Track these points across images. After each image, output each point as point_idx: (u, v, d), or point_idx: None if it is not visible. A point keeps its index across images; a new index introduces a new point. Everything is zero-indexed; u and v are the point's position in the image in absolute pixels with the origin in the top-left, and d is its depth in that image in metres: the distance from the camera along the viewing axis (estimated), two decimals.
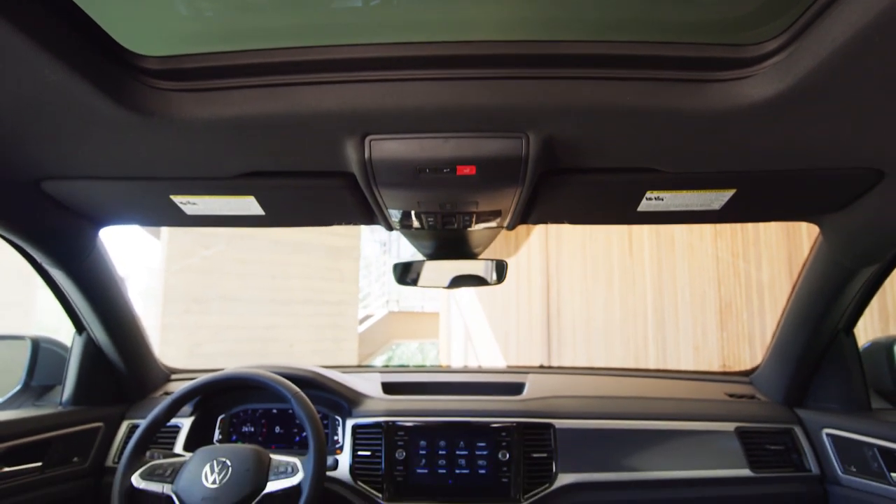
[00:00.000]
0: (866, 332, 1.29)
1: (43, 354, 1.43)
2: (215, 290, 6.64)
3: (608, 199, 0.96)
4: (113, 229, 1.18)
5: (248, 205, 0.97)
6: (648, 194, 0.91)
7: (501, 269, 1.22)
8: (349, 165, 0.81)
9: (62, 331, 1.41)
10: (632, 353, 4.23)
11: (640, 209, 0.97)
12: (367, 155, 0.77)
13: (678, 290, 3.77)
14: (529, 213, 1.01)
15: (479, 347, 7.74)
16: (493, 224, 1.04)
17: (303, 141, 0.78)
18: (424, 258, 1.26)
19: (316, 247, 7.59)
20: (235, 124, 0.73)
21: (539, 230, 5.98)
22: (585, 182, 0.88)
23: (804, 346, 1.25)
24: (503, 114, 0.71)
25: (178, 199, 0.95)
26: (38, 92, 0.66)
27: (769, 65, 0.63)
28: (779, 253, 2.98)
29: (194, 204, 0.97)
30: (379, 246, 11.30)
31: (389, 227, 1.08)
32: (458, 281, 1.26)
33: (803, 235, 2.83)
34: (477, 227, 1.07)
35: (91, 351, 1.33)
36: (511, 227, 1.07)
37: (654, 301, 4.03)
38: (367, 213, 1.01)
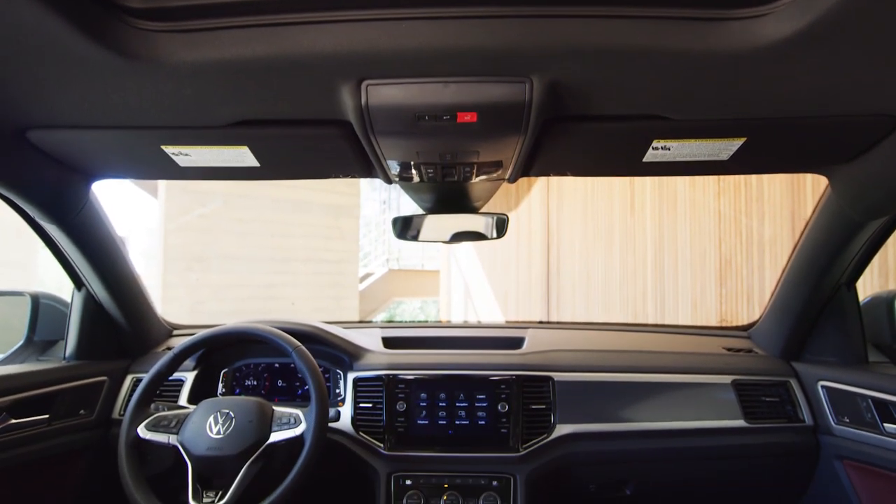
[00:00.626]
0: (864, 288, 1.29)
1: (43, 310, 1.43)
2: (215, 248, 6.65)
3: (613, 150, 0.93)
4: (107, 184, 1.16)
5: (242, 155, 0.94)
6: (655, 143, 0.88)
7: (502, 223, 1.20)
8: (345, 113, 0.78)
9: (65, 290, 1.41)
10: (630, 311, 4.27)
11: (645, 160, 0.94)
12: (363, 101, 0.74)
13: (679, 247, 3.77)
14: (531, 165, 0.98)
15: (478, 305, 7.83)
16: (493, 176, 1.02)
17: (296, 86, 0.74)
18: (424, 213, 1.24)
19: (316, 205, 7.55)
20: (225, 68, 0.69)
21: (540, 186, 5.93)
22: (590, 131, 0.85)
23: (805, 300, 1.25)
24: (506, 56, 0.67)
25: (169, 150, 0.93)
26: (15, 33, 0.62)
27: (788, 0, 0.60)
28: (782, 210, 2.96)
29: (187, 155, 0.94)
30: (379, 205, 11.24)
31: (388, 180, 1.06)
32: (459, 235, 1.25)
33: (808, 192, 2.80)
34: (477, 180, 1.04)
35: (91, 306, 1.33)
36: (512, 179, 1.04)
37: (654, 258, 4.03)
38: (366, 165, 0.99)
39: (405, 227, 1.26)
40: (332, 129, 0.85)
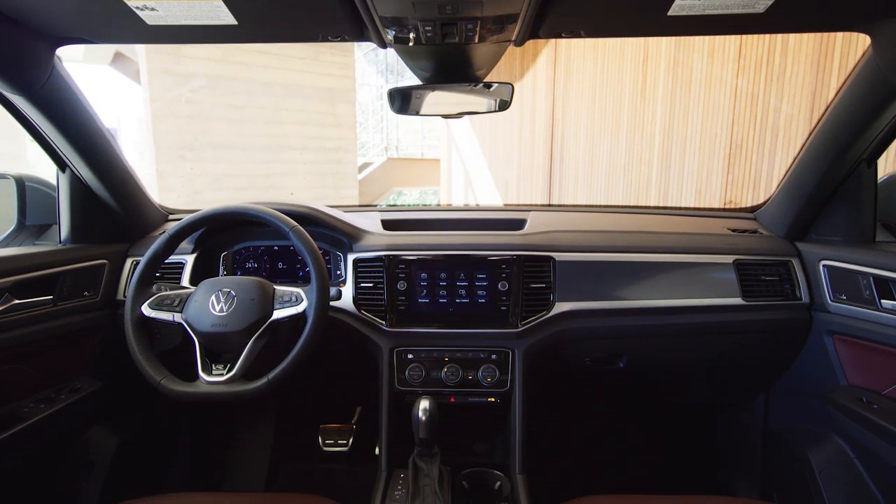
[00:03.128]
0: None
1: (31, 194, 1.39)
2: (208, 136, 6.44)
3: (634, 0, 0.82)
4: (87, 70, 1.04)
5: (217, 10, 0.83)
6: None
7: (506, 93, 1.10)
8: None
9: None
10: (633, 197, 4.23)
11: (670, 13, 0.83)
12: None
13: (689, 130, 3.62)
14: (542, 22, 0.87)
15: (479, 194, 7.78)
16: (498, 36, 0.91)
17: None
18: (423, 83, 1.14)
19: (308, 88, 7.18)
20: None
21: (546, 63, 5.57)
22: None
23: (821, 177, 1.20)
24: None
25: (133, 3, 0.81)
26: None
27: None
28: (804, 91, 2.79)
29: (153, 10, 0.83)
30: (376, 90, 10.67)
31: (383, 43, 0.95)
32: (460, 107, 1.16)
33: (833, 72, 2.62)
34: (481, 42, 0.93)
35: (78, 188, 1.29)
36: (519, 41, 0.93)
37: (662, 143, 3.90)
38: (356, 23, 0.88)
39: (403, 101, 1.16)
40: None
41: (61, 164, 1.25)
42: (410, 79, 1.27)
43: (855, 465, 1.21)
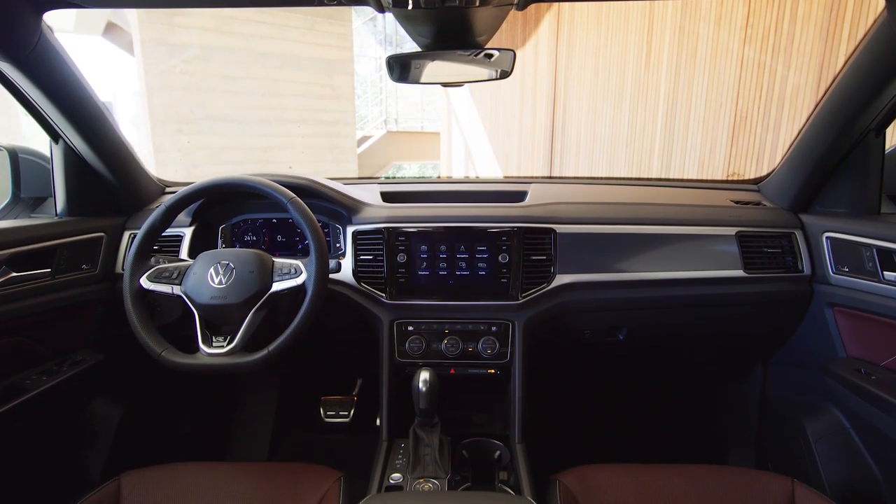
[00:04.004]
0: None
1: (25, 166, 1.37)
2: (204, 109, 6.34)
3: None
4: (82, 45, 1.01)
5: None
6: None
7: (508, 60, 1.07)
8: None
9: None
10: (635, 168, 4.19)
11: None
12: None
13: (693, 101, 3.56)
14: None
15: (479, 167, 7.71)
16: None
17: None
18: (423, 50, 1.11)
19: (306, 59, 7.03)
20: None
21: (548, 31, 5.44)
22: None
23: (827, 147, 1.18)
24: None
25: None
26: None
27: None
28: (811, 61, 2.72)
29: None
30: (374, 62, 10.46)
31: (380, 7, 0.91)
32: (461, 74, 1.13)
33: (843, 40, 2.55)
34: (482, 6, 0.90)
35: (72, 160, 1.27)
36: (522, 4, 0.90)
37: (665, 114, 3.84)
38: None
39: (402, 69, 1.13)
40: None
41: (54, 136, 1.23)
42: (410, 49, 1.24)
43: (850, 436, 1.22)
